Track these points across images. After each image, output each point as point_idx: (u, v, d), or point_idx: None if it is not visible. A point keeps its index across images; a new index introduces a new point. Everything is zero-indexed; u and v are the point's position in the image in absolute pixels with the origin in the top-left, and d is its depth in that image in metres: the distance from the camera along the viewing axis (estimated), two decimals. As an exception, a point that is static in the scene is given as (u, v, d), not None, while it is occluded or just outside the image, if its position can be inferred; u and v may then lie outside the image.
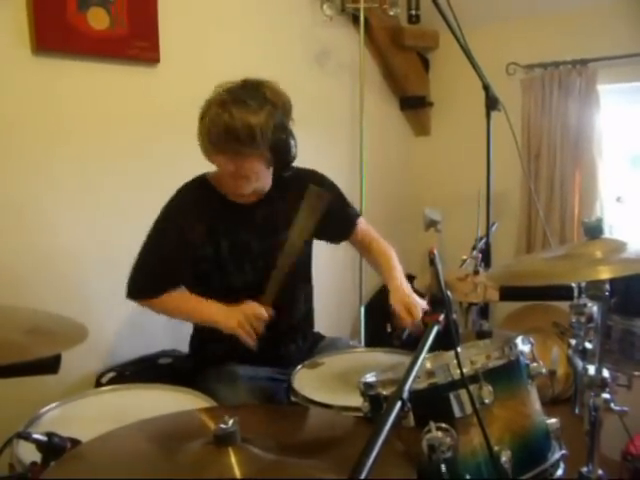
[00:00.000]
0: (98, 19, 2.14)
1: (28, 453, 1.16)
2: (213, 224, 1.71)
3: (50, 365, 1.25)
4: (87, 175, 2.22)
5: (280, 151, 1.65)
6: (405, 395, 0.91)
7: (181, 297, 1.73)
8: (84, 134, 2.20)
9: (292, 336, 1.85)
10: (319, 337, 1.96)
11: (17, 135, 2.05)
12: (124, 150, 2.31)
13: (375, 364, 1.58)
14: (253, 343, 1.62)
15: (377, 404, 1.20)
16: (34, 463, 1.08)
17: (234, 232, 1.73)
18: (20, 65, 2.03)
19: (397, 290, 1.71)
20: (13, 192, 2.05)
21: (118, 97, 2.27)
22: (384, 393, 1.18)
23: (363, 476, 0.76)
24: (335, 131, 3.12)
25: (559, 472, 1.21)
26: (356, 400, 1.28)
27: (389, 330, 3.02)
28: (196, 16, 2.47)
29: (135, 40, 2.23)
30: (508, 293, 1.81)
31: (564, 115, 2.98)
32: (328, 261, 2.11)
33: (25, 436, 1.09)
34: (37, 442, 1.08)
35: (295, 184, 1.77)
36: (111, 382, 2.09)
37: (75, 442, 1.11)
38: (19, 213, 2.07)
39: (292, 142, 1.68)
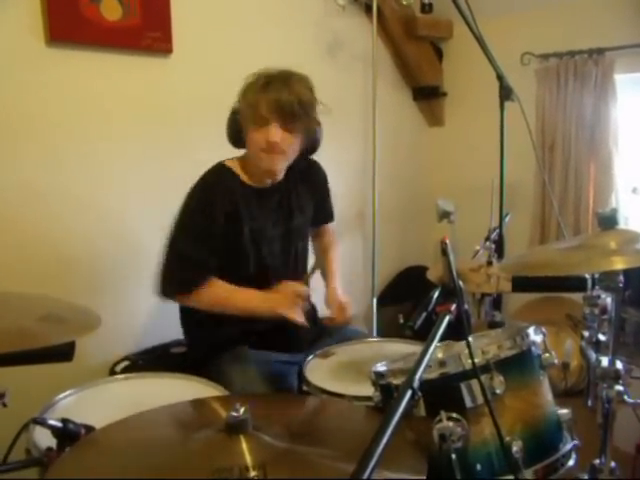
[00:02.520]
0: (111, 10, 2.14)
1: (44, 439, 1.18)
2: (235, 208, 1.72)
3: (64, 352, 1.27)
4: (100, 165, 2.24)
5: (315, 133, 1.78)
6: (416, 384, 0.91)
7: (219, 288, 1.70)
8: (98, 124, 2.21)
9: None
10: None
11: (32, 125, 2.06)
12: (138, 140, 2.32)
13: (387, 354, 1.58)
14: (302, 320, 1.67)
15: (388, 393, 1.20)
16: (50, 448, 1.10)
17: (254, 216, 1.78)
18: (34, 56, 2.05)
19: (333, 291, 1.87)
20: (26, 180, 2.07)
21: (131, 88, 2.28)
22: (395, 382, 1.18)
23: (372, 464, 0.76)
24: (348, 122, 3.11)
25: (570, 463, 1.20)
26: (367, 390, 1.28)
27: (401, 321, 3.03)
28: (208, 6, 2.47)
29: (148, 31, 2.23)
30: (521, 284, 1.80)
31: (579, 105, 2.94)
32: (340, 252, 2.10)
33: (41, 422, 1.11)
34: (52, 428, 1.10)
35: (304, 173, 1.89)
36: (125, 371, 2.12)
37: (89, 428, 1.13)
38: (34, 201, 2.09)
39: (320, 130, 1.81)
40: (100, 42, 2.15)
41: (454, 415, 1.08)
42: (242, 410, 1.02)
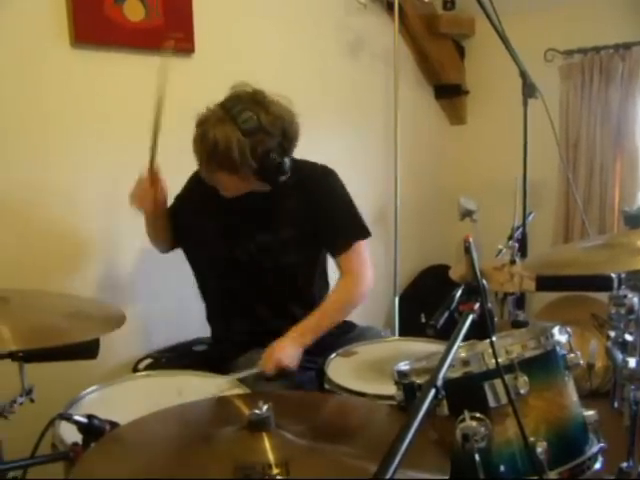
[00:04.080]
0: (134, 11, 2.16)
1: (69, 434, 1.20)
2: (202, 205, 1.84)
3: (89, 350, 1.29)
4: (125, 164, 2.26)
5: (266, 174, 1.66)
6: (439, 383, 0.90)
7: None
8: (121, 123, 2.23)
9: None
10: (350, 326, 1.97)
11: (57, 125, 2.09)
12: (161, 139, 2.34)
13: (410, 353, 1.57)
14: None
15: (411, 393, 1.20)
16: (75, 443, 1.11)
17: (221, 215, 1.81)
18: (60, 57, 2.08)
19: (279, 342, 1.67)
20: (52, 179, 2.10)
21: (154, 87, 2.30)
22: (418, 381, 1.17)
23: (396, 463, 0.76)
24: (370, 120, 3.10)
25: (597, 466, 1.18)
26: (390, 389, 1.27)
27: (423, 320, 3.01)
28: (230, 6, 2.48)
29: (170, 31, 2.25)
30: (545, 283, 1.77)
31: (605, 102, 2.90)
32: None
33: (67, 417, 1.12)
34: (78, 423, 1.11)
35: (307, 182, 1.79)
36: (148, 368, 2.13)
37: (114, 425, 1.14)
38: (59, 200, 2.12)
39: (282, 165, 1.66)
40: (123, 43, 2.17)
41: (477, 415, 1.07)
42: (265, 408, 1.02)
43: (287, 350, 1.66)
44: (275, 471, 0.94)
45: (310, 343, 1.70)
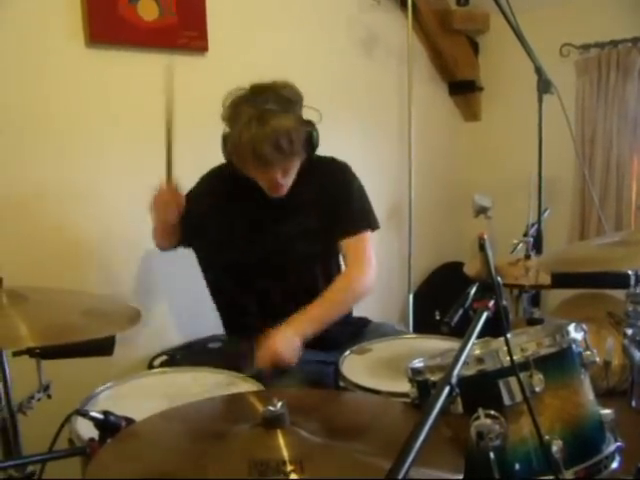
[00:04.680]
0: (148, 10, 2.18)
1: (85, 429, 1.21)
2: (225, 203, 1.83)
3: (105, 347, 1.30)
4: (139, 162, 2.27)
5: (311, 145, 1.74)
6: (454, 380, 0.90)
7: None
8: (136, 123, 2.25)
9: None
10: (365, 321, 1.97)
11: (74, 125, 2.11)
12: (178, 138, 2.35)
13: (424, 350, 1.57)
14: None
15: (425, 390, 1.19)
16: (92, 439, 1.12)
17: (247, 211, 1.81)
18: (74, 57, 2.09)
19: (278, 333, 1.58)
20: (67, 178, 2.12)
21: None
22: (432, 379, 1.17)
23: (410, 460, 0.75)
24: (383, 117, 3.09)
25: (614, 465, 1.16)
26: (404, 386, 1.27)
27: (437, 317, 3.01)
28: (243, 5, 2.48)
29: (184, 30, 2.26)
30: (560, 280, 1.75)
31: (622, 97, 2.86)
32: (376, 248, 2.09)
33: (83, 413, 1.14)
34: (94, 419, 1.12)
35: (326, 174, 1.85)
36: (163, 365, 2.15)
37: (129, 421, 1.15)
38: (74, 199, 2.14)
39: (315, 133, 1.74)
40: (138, 42, 2.18)
41: (492, 413, 1.06)
42: (279, 405, 1.02)
43: (287, 343, 1.56)
44: (289, 468, 0.94)
45: (311, 335, 1.62)
